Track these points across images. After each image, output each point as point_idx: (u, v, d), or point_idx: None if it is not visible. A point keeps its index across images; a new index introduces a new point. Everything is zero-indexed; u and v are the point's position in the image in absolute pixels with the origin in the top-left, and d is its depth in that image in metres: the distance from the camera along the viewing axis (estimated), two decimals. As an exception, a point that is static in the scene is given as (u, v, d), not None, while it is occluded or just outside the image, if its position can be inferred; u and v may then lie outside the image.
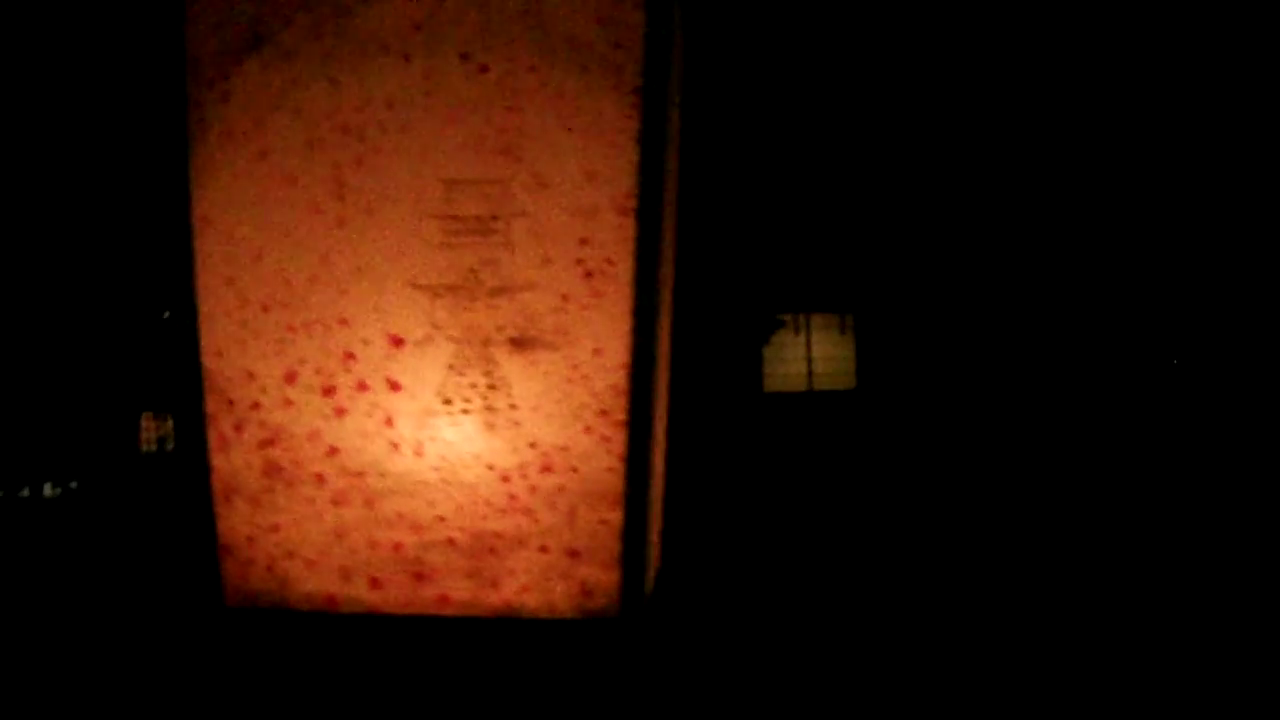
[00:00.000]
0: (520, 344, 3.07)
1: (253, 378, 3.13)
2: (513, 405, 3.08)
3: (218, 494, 3.14)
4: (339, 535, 3.12)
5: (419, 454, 3.11)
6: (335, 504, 3.12)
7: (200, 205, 3.13)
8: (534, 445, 3.08)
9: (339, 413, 3.12)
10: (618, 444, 3.07)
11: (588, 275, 3.07)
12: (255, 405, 3.13)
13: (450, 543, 3.10)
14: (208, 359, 3.14)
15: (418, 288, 3.10)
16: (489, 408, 3.09)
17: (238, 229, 3.14)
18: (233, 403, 3.14)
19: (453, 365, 3.09)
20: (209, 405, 3.13)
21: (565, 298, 3.07)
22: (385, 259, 3.12)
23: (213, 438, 3.14)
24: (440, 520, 3.10)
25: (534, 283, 3.08)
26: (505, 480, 3.09)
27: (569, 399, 3.07)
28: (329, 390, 3.12)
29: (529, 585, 3.10)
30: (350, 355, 3.11)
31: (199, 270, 3.13)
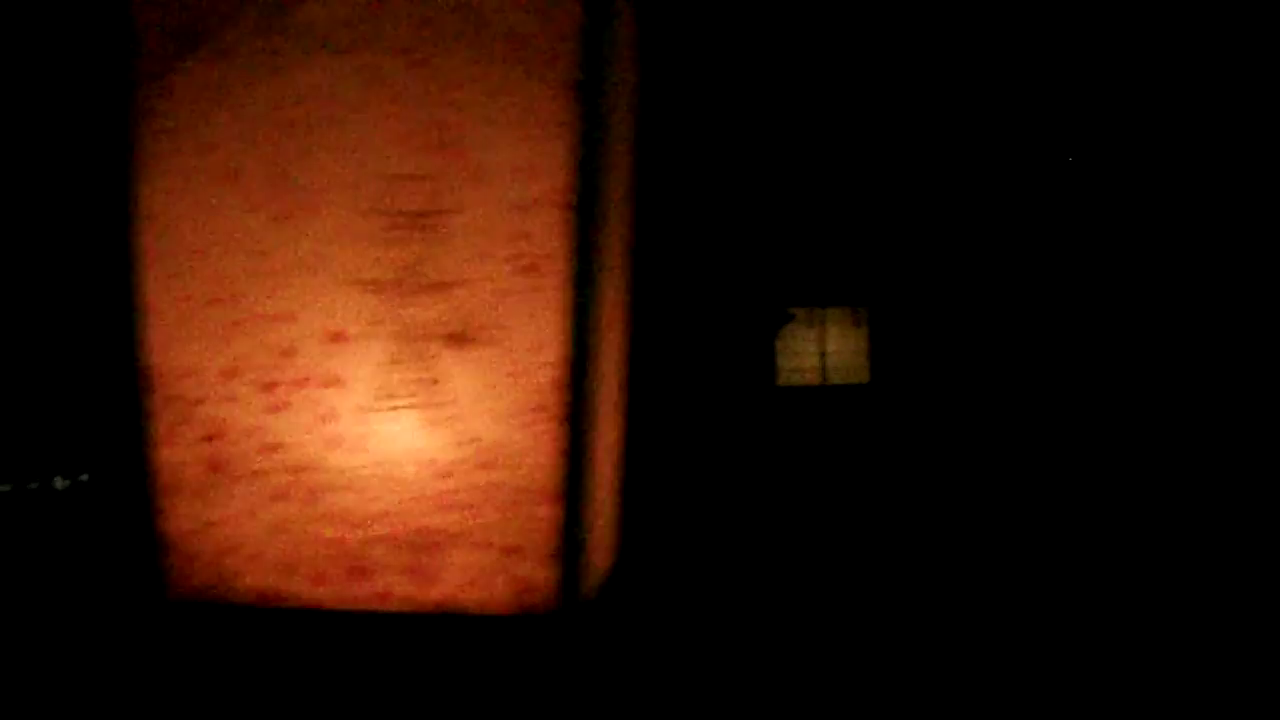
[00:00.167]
0: (458, 339, 3.05)
1: (194, 373, 3.15)
2: (451, 401, 3.05)
3: (160, 490, 3.15)
4: (280, 531, 3.13)
5: (359, 450, 3.10)
6: (276, 500, 3.12)
7: (141, 201, 3.15)
8: (472, 441, 3.06)
9: (279, 408, 3.12)
10: (556, 440, 3.04)
11: (525, 270, 3.04)
12: (197, 401, 3.14)
13: (390, 538, 3.09)
14: (149, 355, 3.16)
15: (357, 283, 3.09)
16: (428, 403, 3.07)
17: (179, 225, 3.15)
18: (174, 399, 3.15)
19: (392, 361, 3.08)
20: (151, 401, 3.15)
21: (503, 293, 3.04)
22: (325, 255, 3.11)
23: (154, 433, 3.16)
24: (380, 516, 3.09)
25: (472, 278, 3.05)
26: (444, 476, 3.08)
27: (507, 394, 3.05)
28: (269, 386, 3.12)
29: (468, 581, 3.08)
30: (290, 351, 3.11)
31: (140, 266, 3.15)
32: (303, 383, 3.11)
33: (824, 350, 9.55)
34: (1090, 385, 9.06)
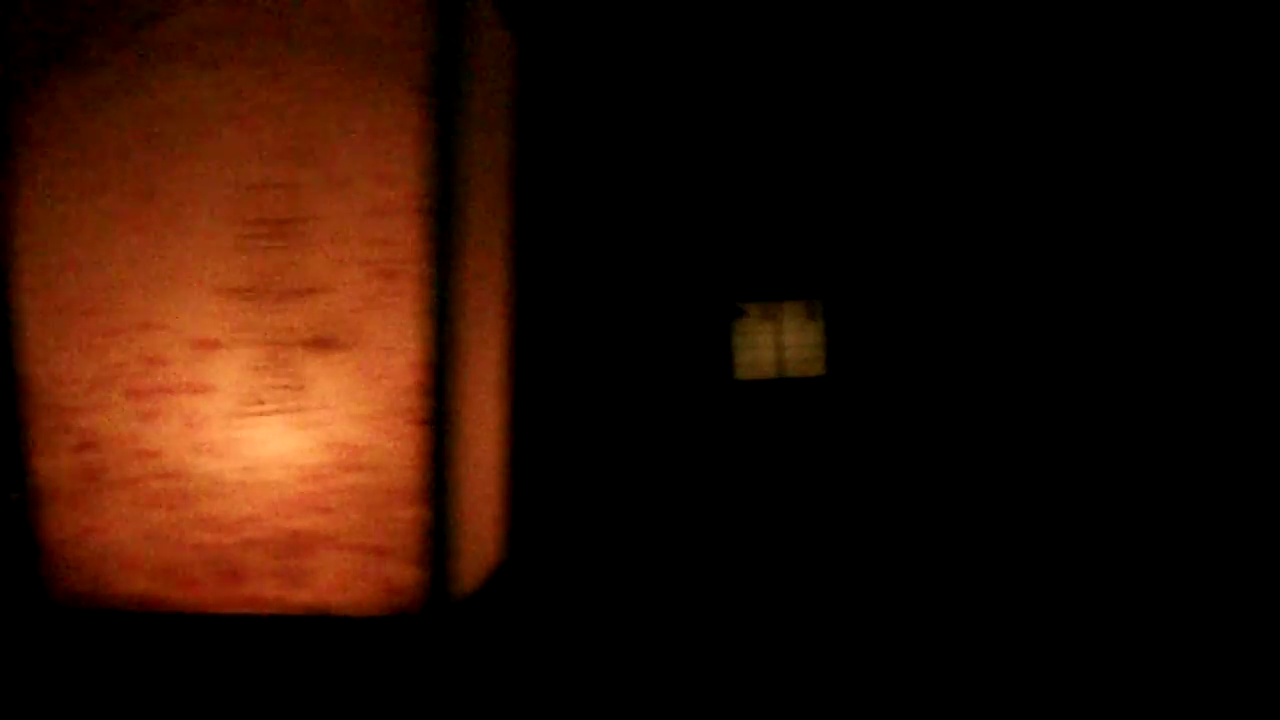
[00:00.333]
0: (321, 345, 3.10)
1: (68, 382, 3.20)
2: (316, 405, 3.11)
3: (38, 497, 3.21)
4: (154, 537, 3.18)
5: (228, 455, 3.16)
6: (149, 506, 3.18)
7: (15, 211, 3.21)
8: (337, 444, 3.11)
9: (151, 416, 3.18)
10: (418, 442, 3.09)
11: (384, 275, 3.09)
12: (71, 410, 3.20)
13: (259, 543, 3.14)
14: (25, 364, 3.21)
15: (222, 291, 3.14)
16: (293, 408, 3.12)
17: (51, 235, 3.21)
18: (49, 407, 3.21)
19: (258, 367, 3.13)
20: (27, 409, 3.21)
21: (363, 298, 3.09)
22: (191, 264, 3.16)
23: (31, 442, 3.21)
24: (249, 520, 3.14)
25: (333, 284, 3.11)
26: (310, 479, 3.13)
27: (369, 398, 3.10)
28: (141, 394, 3.18)
29: (336, 583, 3.13)
30: (160, 359, 3.17)
31: (14, 276, 3.21)
32: (173, 390, 3.16)
33: (781, 344, 9.59)
34: (1044, 376, 9.09)
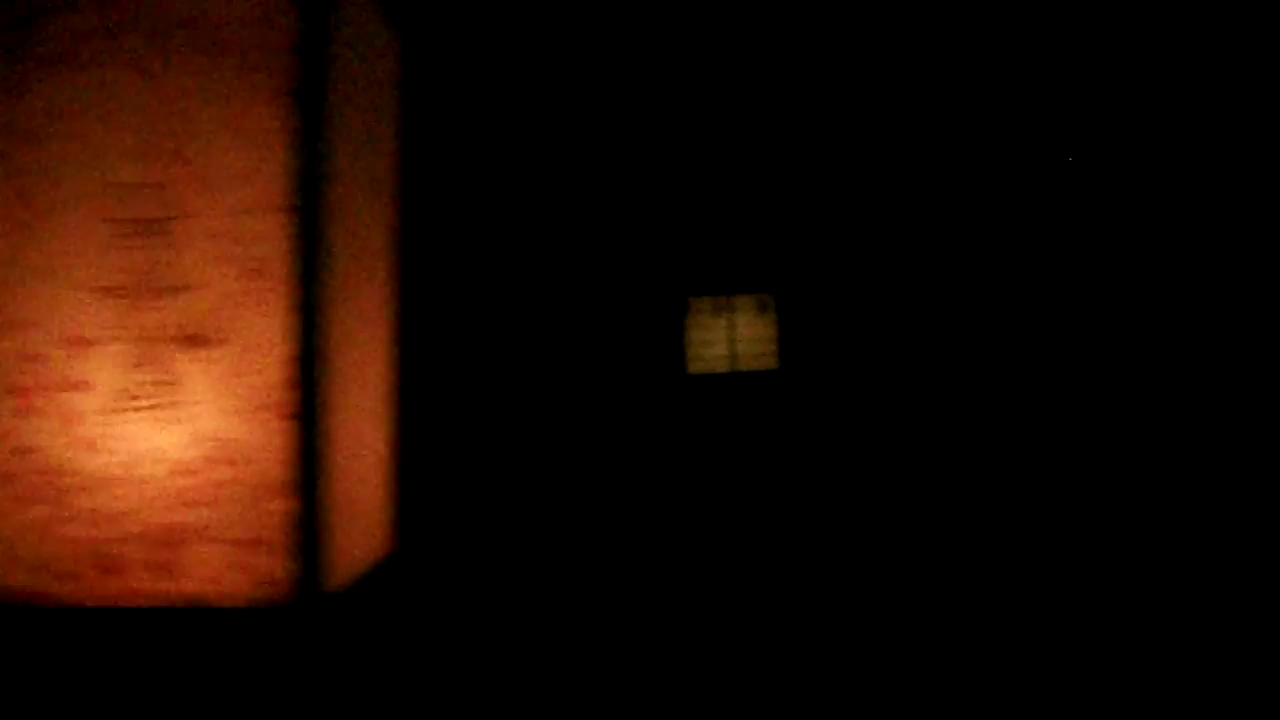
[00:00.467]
0: (192, 342, 3.16)
1: (-55, 381, 3.25)
2: (189, 401, 3.16)
3: (-84, 493, 3.27)
4: (32, 531, 3.23)
5: (104, 451, 3.21)
6: (27, 502, 3.23)
7: (-113, 216, 3.25)
8: (209, 439, 3.17)
9: (27, 413, 3.23)
10: (286, 436, 3.15)
11: (251, 273, 3.14)
12: (-51, 408, 3.25)
13: (135, 536, 3.20)
14: (-99, 364, 3.26)
15: (97, 290, 3.19)
16: (167, 404, 3.17)
17: (-73, 238, 3.25)
18: (-73, 406, 3.26)
19: (132, 364, 3.18)
20: (-95, 408, 3.26)
21: (232, 295, 3.15)
22: (66, 263, 3.21)
23: (-91, 440, 3.27)
24: (125, 515, 3.20)
25: (203, 282, 3.16)
26: (184, 474, 3.18)
27: (239, 393, 3.15)
28: (17, 391, 3.23)
29: (209, 575, 3.19)
30: (36, 356, 3.22)
31: (-111, 279, 3.26)
32: (49, 387, 3.21)
33: (733, 338, 9.64)
34: (993, 369, 9.15)
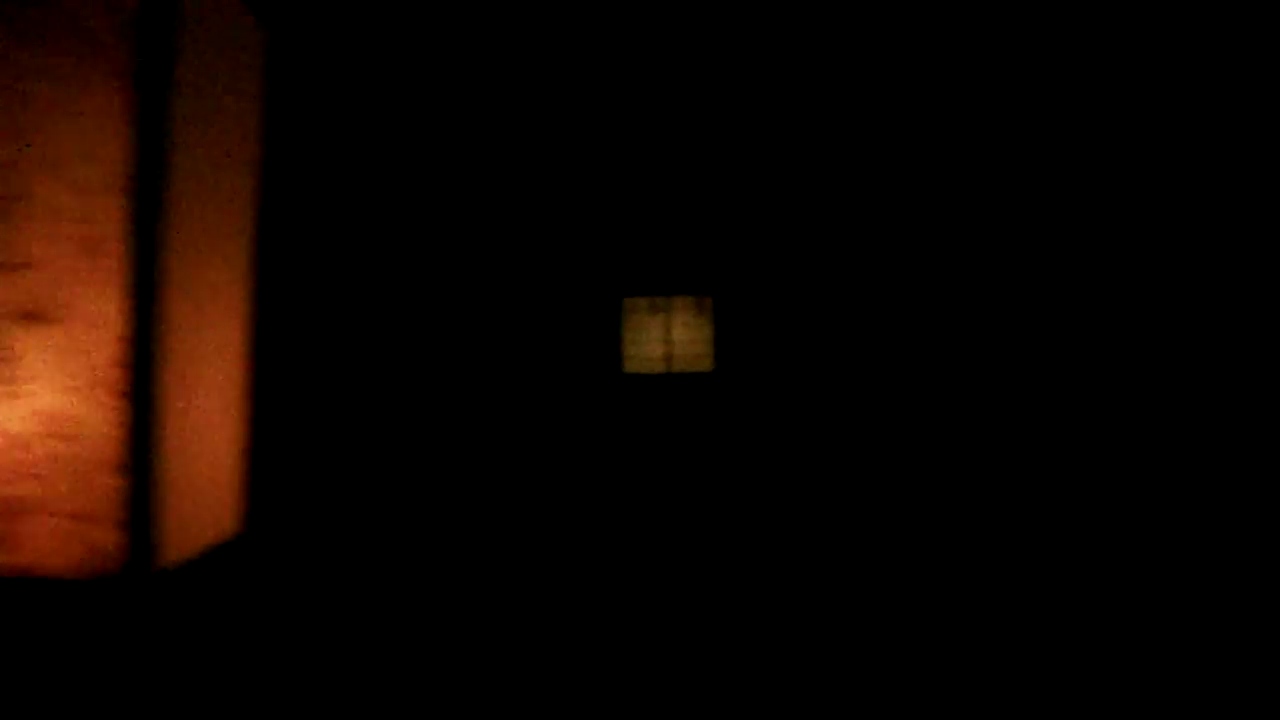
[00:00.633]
0: (31, 318, 3.21)
1: None
2: (26, 376, 3.22)
3: None
4: None
5: (-58, 424, 3.26)
6: None
7: None
8: (45, 415, 3.22)
9: None
10: (119, 413, 3.21)
11: (89, 252, 3.20)
12: None
13: (-29, 508, 3.25)
14: None
15: (-62, 265, 3.25)
16: (5, 379, 3.23)
17: None
18: None
19: (-28, 339, 3.24)
20: None
21: (70, 273, 3.21)
22: (-91, 238, 3.26)
23: None
24: (-39, 487, 3.25)
25: (43, 260, 3.22)
26: (21, 447, 3.24)
27: (75, 371, 3.21)
28: None
29: (44, 548, 3.24)
30: (-122, 330, 3.27)
31: None
32: (-111, 360, 3.26)
33: (670, 338, 9.71)
34: (927, 374, 9.24)
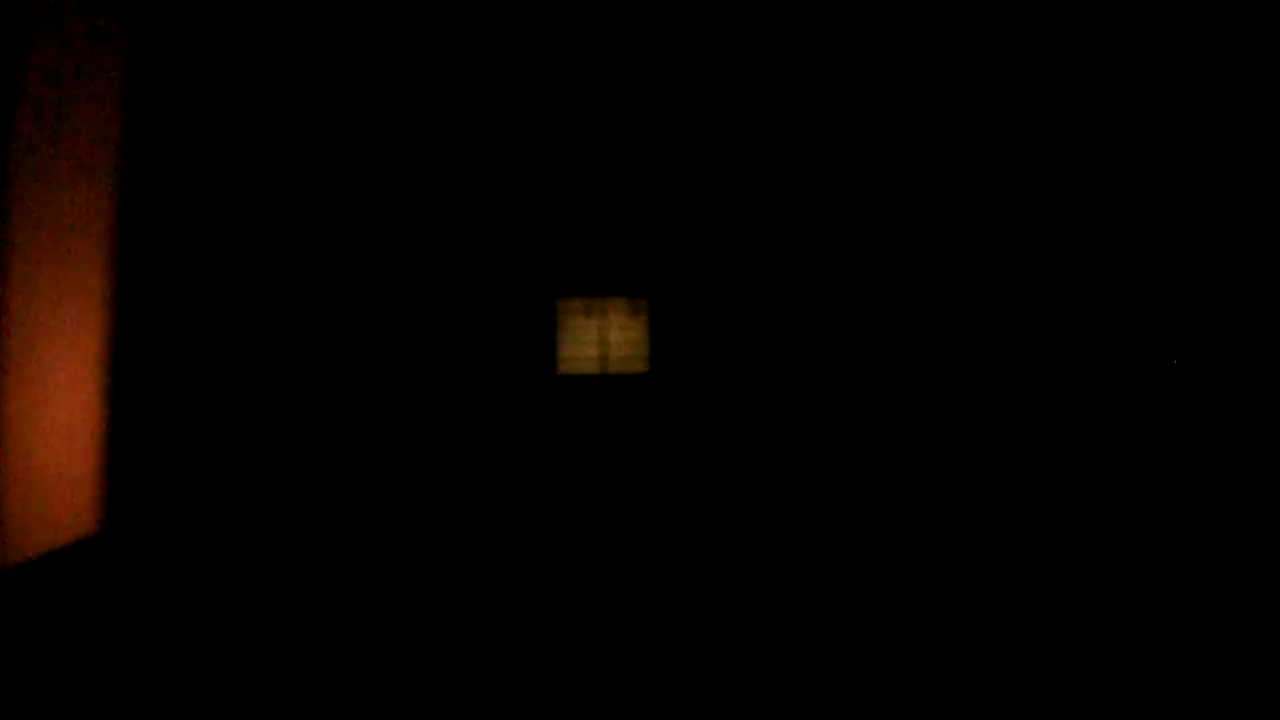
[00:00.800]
0: None
1: None
2: None
3: None
4: None
5: None
6: None
7: None
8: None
9: None
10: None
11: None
12: None
13: None
14: None
15: None
16: None
17: None
18: None
19: None
20: None
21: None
22: None
23: None
24: None
25: None
26: None
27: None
28: None
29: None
30: None
31: None
32: None
33: (605, 340, 9.63)
34: (860, 376, 9.22)
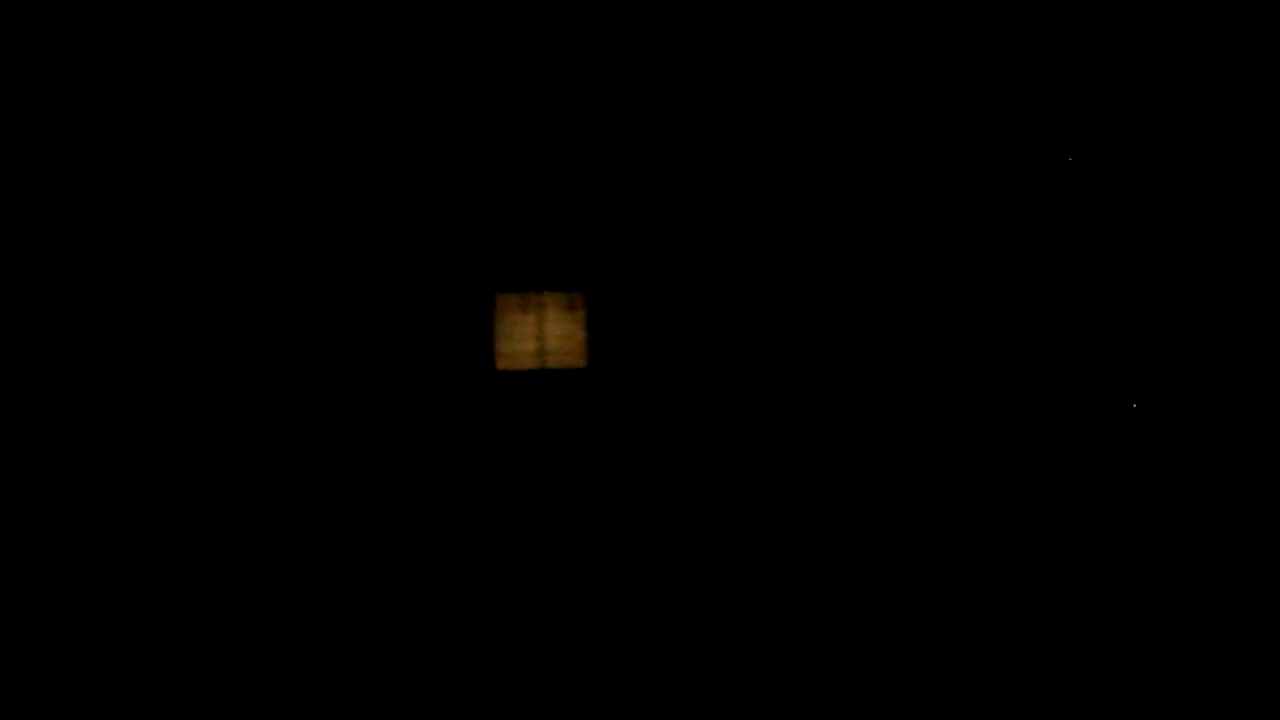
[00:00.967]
0: None
1: None
2: None
3: None
4: None
5: None
6: None
7: None
8: None
9: None
10: None
11: None
12: None
13: None
14: None
15: None
16: None
17: None
18: None
19: None
20: None
21: None
22: None
23: None
24: None
25: None
26: None
27: None
28: None
29: None
30: None
31: None
32: None
33: (542, 335, 9.54)
34: (801, 372, 9.27)
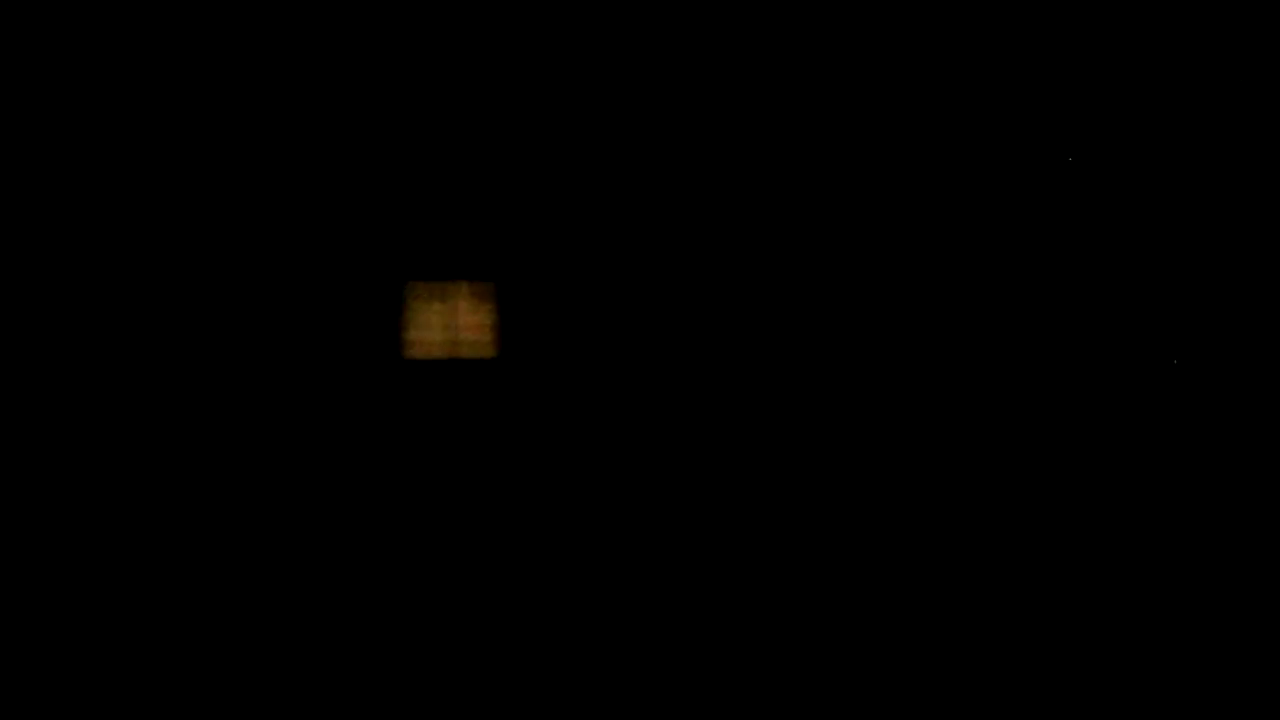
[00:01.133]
0: None
1: None
2: None
3: None
4: None
5: None
6: None
7: None
8: None
9: None
10: None
11: None
12: None
13: None
14: None
15: None
16: None
17: None
18: None
19: None
20: None
21: None
22: None
23: None
24: None
25: None
26: None
27: None
28: None
29: None
30: None
31: None
32: None
33: (453, 324, 9.48)
34: (715, 365, 9.38)
